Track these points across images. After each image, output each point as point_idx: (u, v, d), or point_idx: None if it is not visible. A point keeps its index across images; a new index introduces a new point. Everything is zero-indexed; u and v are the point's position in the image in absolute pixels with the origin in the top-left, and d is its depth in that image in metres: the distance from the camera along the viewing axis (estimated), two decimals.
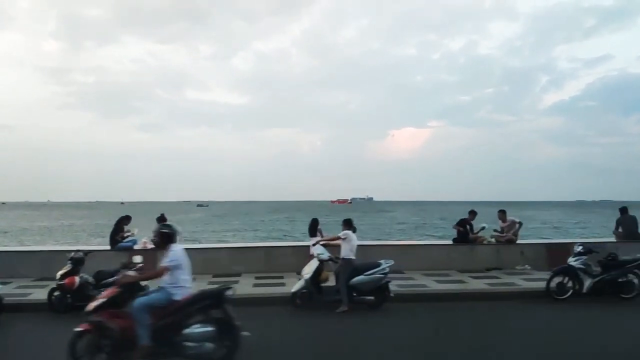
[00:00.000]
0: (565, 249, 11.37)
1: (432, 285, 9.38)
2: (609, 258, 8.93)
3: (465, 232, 11.52)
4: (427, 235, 45.36)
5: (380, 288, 8.08)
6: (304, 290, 8.13)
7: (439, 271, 10.59)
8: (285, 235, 45.39)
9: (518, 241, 11.71)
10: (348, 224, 8.45)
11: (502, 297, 8.87)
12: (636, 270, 8.77)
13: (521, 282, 9.61)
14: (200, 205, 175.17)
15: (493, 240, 11.66)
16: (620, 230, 12.29)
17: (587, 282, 8.70)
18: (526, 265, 11.02)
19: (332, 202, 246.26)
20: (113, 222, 11.64)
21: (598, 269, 8.88)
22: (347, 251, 8.13)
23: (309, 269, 8.15)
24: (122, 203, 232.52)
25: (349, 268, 8.04)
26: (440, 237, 38.89)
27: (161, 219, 10.90)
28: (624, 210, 12.45)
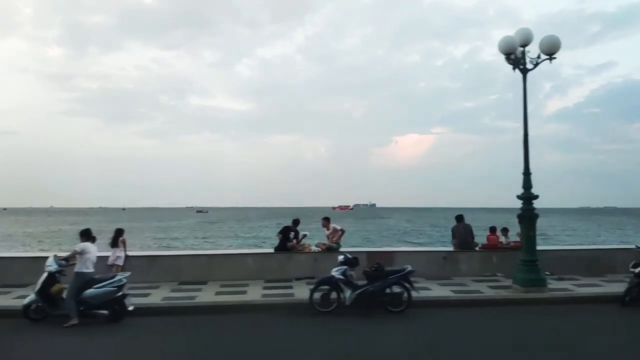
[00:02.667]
0: (388, 257, 11.05)
1: (204, 297, 9.00)
2: (373, 268, 8.51)
3: (285, 239, 11.13)
4: (406, 241, 44.85)
5: (115, 301, 7.74)
6: (39, 303, 7.80)
7: (245, 281, 10.27)
8: (263, 242, 45.17)
9: (341, 249, 11.30)
10: (86, 236, 8.11)
11: (270, 308, 8.51)
12: (402, 282, 8.35)
13: (302, 293, 9.19)
14: (199, 211, 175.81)
15: (314, 247, 11.27)
16: (455, 239, 11.82)
17: (349, 294, 8.28)
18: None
19: (334, 208, 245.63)
20: (106, 228, 11.47)
21: (364, 280, 8.47)
22: (80, 265, 7.80)
23: (39, 281, 7.83)
24: (123, 209, 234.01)
25: (78, 281, 7.72)
26: (419, 244, 38.43)
27: None
28: (458, 218, 11.98)
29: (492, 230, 11.91)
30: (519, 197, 9.62)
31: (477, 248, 11.76)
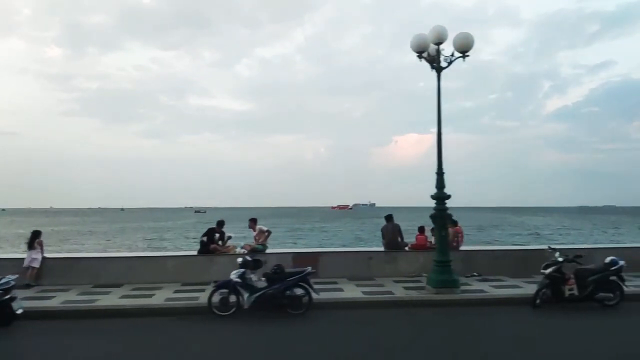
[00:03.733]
0: (314, 258, 10.96)
1: (106, 300, 8.86)
2: (273, 270, 8.40)
3: (209, 242, 11.01)
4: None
5: (2, 304, 7.62)
6: None
7: (160, 284, 10.12)
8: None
9: (268, 250, 11.21)
10: None
11: (169, 313, 8.37)
12: (302, 283, 8.23)
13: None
14: (197, 211, 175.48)
15: (239, 249, 11.14)
16: (384, 239, 11.70)
17: (246, 297, 8.16)
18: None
19: (333, 207, 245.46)
20: (95, 228, 11.37)
21: (264, 282, 8.36)
22: None
23: None
24: (122, 209, 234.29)
25: None
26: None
27: None
28: (387, 218, 11.86)
29: (421, 230, 11.77)
30: (432, 197, 9.49)
31: (406, 248, 11.64)
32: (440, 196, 9.38)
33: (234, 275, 8.24)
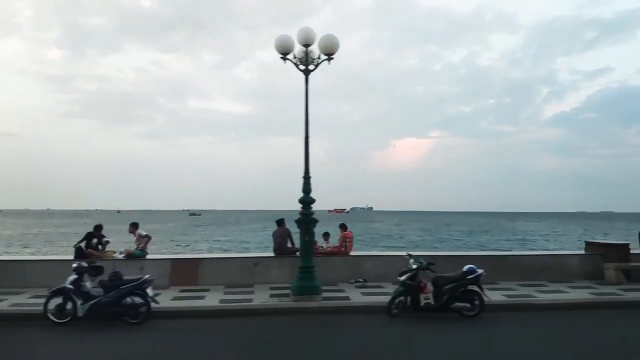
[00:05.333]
0: (194, 264, 10.69)
1: None
2: (109, 277, 8.09)
3: (86, 247, 10.73)
4: (385, 246, 43.82)
5: None
6: None
7: (25, 289, 9.80)
8: (235, 247, 44.54)
9: (148, 256, 10.92)
10: None
11: (5, 319, 8.10)
12: (138, 291, 7.94)
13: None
14: (192, 214, 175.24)
15: (118, 255, 10.84)
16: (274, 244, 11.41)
17: (80, 305, 7.85)
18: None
19: (330, 211, 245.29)
20: (84, 230, 11.49)
21: (100, 290, 8.05)
22: None
23: None
24: (118, 211, 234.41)
25: None
26: (395, 248, 37.57)
27: None
28: (278, 223, 11.55)
29: None
30: (299, 200, 9.21)
31: (297, 253, 11.31)
32: (306, 200, 9.11)
33: (67, 282, 7.95)
